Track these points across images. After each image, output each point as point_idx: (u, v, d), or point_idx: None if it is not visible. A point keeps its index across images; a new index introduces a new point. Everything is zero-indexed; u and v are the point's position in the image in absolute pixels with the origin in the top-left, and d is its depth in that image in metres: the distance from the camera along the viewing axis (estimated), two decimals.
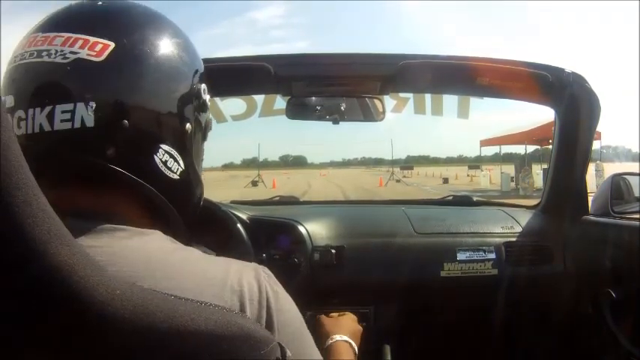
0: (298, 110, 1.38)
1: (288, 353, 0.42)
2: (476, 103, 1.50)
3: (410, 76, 1.27)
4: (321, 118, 1.38)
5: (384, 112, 1.39)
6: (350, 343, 0.86)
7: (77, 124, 0.46)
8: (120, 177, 0.47)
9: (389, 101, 1.45)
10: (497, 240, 1.35)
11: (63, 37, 0.47)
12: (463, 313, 1.38)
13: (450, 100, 1.52)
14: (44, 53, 0.47)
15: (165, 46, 0.52)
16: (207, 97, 0.58)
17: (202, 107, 0.57)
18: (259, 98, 1.56)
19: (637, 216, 1.26)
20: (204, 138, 0.60)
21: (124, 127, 0.47)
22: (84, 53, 0.46)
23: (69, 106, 0.46)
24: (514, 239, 1.36)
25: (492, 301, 1.31)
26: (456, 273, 1.29)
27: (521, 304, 1.38)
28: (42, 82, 0.47)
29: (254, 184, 22.12)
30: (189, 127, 0.54)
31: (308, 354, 0.49)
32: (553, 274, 1.34)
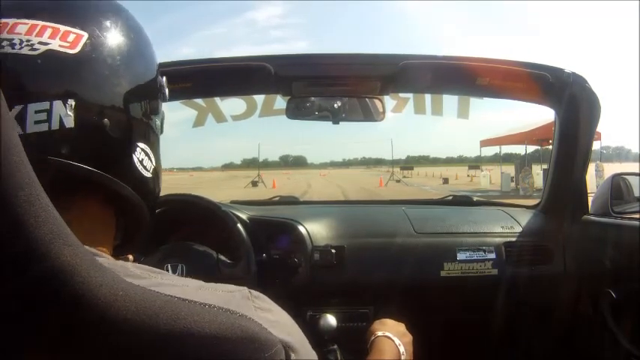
0: (298, 110, 1.38)
1: (293, 356, 0.41)
2: (476, 103, 1.50)
3: (410, 76, 1.27)
4: (321, 118, 1.38)
5: (384, 112, 1.38)
6: (391, 338, 0.83)
7: (55, 126, 0.40)
8: (101, 182, 0.43)
9: (389, 101, 1.45)
10: (497, 240, 1.35)
11: (26, 24, 0.41)
12: (463, 313, 1.38)
13: (450, 100, 1.52)
14: (4, 43, 0.40)
15: (133, 36, 0.48)
16: (166, 88, 0.54)
17: (164, 99, 0.54)
18: (259, 98, 1.56)
19: (637, 216, 1.26)
20: (162, 131, 0.56)
21: (104, 127, 0.43)
22: (55, 44, 0.41)
23: (44, 105, 0.40)
24: (514, 239, 1.36)
25: (492, 301, 1.31)
26: (456, 273, 1.29)
27: (521, 304, 1.38)
28: (6, 77, 0.40)
29: (254, 184, 22.13)
30: (158, 121, 0.52)
31: None
32: (553, 274, 1.34)
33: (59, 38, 0.41)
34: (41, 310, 0.30)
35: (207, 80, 1.30)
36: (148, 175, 0.49)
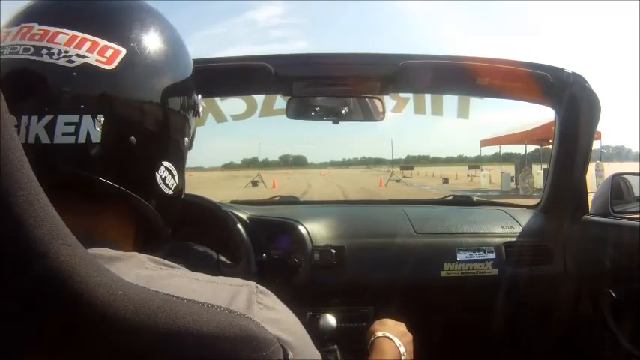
0: (298, 110, 1.38)
1: (290, 355, 0.41)
2: (476, 103, 1.50)
3: (410, 76, 1.27)
4: (321, 118, 1.38)
5: (384, 111, 1.39)
6: (391, 338, 0.83)
7: (82, 139, 0.41)
8: (121, 197, 0.44)
9: (389, 101, 1.45)
10: (497, 240, 1.35)
11: (67, 35, 0.41)
12: (463, 313, 1.38)
13: (450, 100, 1.52)
14: (44, 51, 0.40)
15: (171, 53, 0.48)
16: (201, 106, 0.55)
17: (198, 116, 0.54)
18: (259, 98, 1.56)
19: (637, 216, 1.27)
20: (190, 148, 0.56)
21: (130, 144, 0.43)
22: (92, 58, 0.41)
23: (73, 118, 0.40)
24: (514, 239, 1.36)
25: (492, 301, 1.31)
26: (456, 273, 1.29)
27: (521, 304, 1.38)
28: (41, 86, 0.41)
29: (254, 184, 22.14)
30: (187, 140, 0.52)
31: None
32: (553, 274, 1.34)
33: (97, 52, 0.42)
34: (41, 309, 0.30)
35: (207, 80, 1.30)
36: (169, 192, 0.49)
